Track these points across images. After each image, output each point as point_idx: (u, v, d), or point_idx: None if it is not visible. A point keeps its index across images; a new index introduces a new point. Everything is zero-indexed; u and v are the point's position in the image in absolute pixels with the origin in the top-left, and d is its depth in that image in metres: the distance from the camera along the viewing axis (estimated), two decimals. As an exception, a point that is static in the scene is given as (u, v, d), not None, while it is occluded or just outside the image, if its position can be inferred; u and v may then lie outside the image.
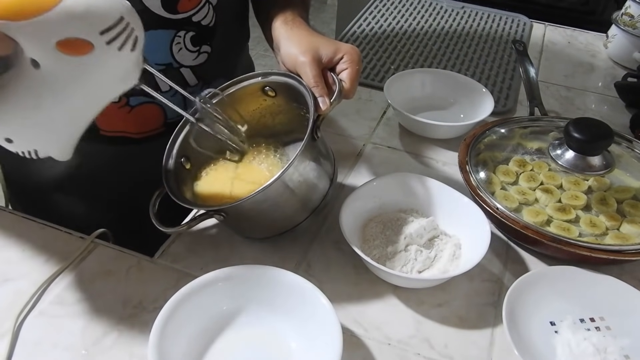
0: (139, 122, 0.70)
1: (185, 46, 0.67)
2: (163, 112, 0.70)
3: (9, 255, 0.62)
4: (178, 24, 0.65)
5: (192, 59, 0.69)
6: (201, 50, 0.69)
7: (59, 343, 0.53)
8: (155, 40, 0.65)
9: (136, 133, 0.70)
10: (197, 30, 0.67)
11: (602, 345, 0.55)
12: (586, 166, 0.70)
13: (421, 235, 0.63)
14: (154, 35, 0.65)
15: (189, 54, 0.68)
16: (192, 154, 0.65)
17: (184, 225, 0.60)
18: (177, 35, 0.66)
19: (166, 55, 0.67)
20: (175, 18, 0.64)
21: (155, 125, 0.71)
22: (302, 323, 0.54)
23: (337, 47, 0.62)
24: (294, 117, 0.67)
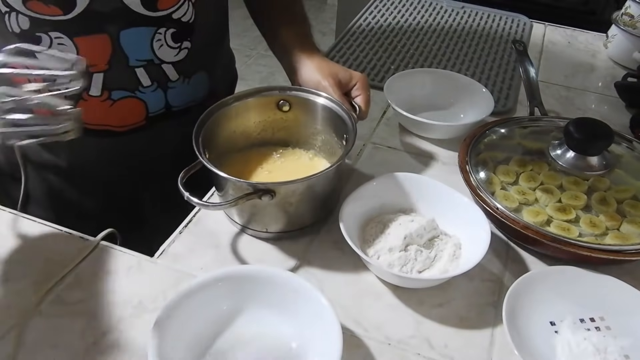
0: (121, 116, 0.71)
1: (167, 43, 0.68)
2: (145, 106, 0.71)
3: (9, 255, 0.62)
4: (158, 21, 0.66)
5: (174, 55, 0.70)
6: (182, 47, 0.70)
7: (59, 343, 0.53)
8: (136, 37, 0.66)
9: (119, 126, 0.71)
10: (177, 27, 0.68)
11: (602, 345, 0.55)
12: (586, 166, 0.70)
13: (421, 235, 0.63)
14: (134, 33, 0.65)
15: (170, 50, 0.69)
16: (211, 145, 0.66)
17: (225, 204, 0.59)
18: (157, 32, 0.67)
19: (147, 51, 0.68)
20: (156, 15, 0.65)
21: (138, 119, 0.72)
22: (302, 323, 0.54)
23: (351, 74, 0.72)
24: (293, 135, 0.74)
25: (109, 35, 0.64)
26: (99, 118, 0.70)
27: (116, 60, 0.66)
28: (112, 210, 0.82)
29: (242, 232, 0.67)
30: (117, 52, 0.66)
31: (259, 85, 2.28)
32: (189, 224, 0.68)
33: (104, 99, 0.68)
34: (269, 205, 0.61)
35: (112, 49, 0.65)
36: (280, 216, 0.63)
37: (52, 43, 0.63)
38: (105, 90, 0.67)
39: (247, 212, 0.64)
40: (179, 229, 0.67)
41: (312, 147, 0.75)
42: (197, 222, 0.68)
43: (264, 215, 0.63)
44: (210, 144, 0.65)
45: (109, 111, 0.69)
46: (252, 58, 2.91)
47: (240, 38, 3.11)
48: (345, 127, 0.67)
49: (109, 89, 0.68)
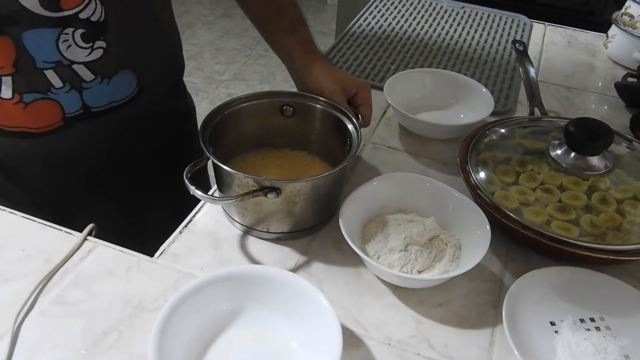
0: (36, 118, 0.69)
1: (76, 43, 0.66)
2: (60, 107, 0.69)
3: (9, 255, 0.62)
4: (63, 22, 0.64)
5: (85, 55, 0.68)
6: (94, 47, 0.68)
7: (59, 343, 0.53)
8: (39, 38, 0.64)
9: (35, 128, 0.70)
10: (87, 27, 0.66)
11: (602, 345, 0.55)
12: (586, 166, 0.70)
13: (421, 235, 0.63)
14: (37, 34, 0.63)
15: (81, 50, 0.67)
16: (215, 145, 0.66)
17: (231, 199, 0.59)
18: (63, 33, 0.64)
19: (53, 53, 0.65)
20: (59, 16, 0.63)
21: (54, 120, 0.70)
22: (302, 323, 0.54)
23: (355, 82, 0.74)
24: (295, 139, 0.74)
25: (11, 37, 0.63)
26: (15, 120, 0.69)
27: (22, 63, 0.64)
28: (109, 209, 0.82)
29: (242, 232, 0.67)
30: (21, 54, 0.64)
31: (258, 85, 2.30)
32: (189, 224, 0.68)
33: (16, 102, 0.67)
34: (273, 205, 0.61)
35: (15, 51, 0.63)
36: (284, 216, 0.63)
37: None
38: (16, 93, 0.66)
39: (249, 211, 0.64)
40: (179, 229, 0.67)
41: (313, 152, 0.75)
42: (197, 222, 0.68)
43: (267, 215, 0.63)
44: (214, 143, 0.66)
45: (23, 113, 0.68)
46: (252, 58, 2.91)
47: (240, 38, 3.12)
48: (348, 133, 0.68)
49: (20, 92, 0.66)
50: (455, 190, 0.67)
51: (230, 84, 2.72)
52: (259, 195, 0.59)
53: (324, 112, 0.72)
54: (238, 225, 0.67)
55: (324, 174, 0.62)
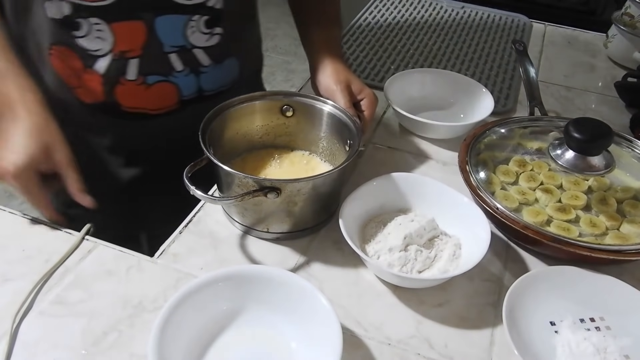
0: (156, 99, 0.74)
1: (199, 29, 0.71)
2: (178, 90, 0.74)
3: (9, 255, 0.62)
4: (192, 9, 0.69)
5: (205, 40, 0.72)
6: (214, 32, 0.72)
7: (59, 343, 0.53)
8: (170, 24, 0.69)
9: (153, 109, 0.74)
10: (210, 13, 0.70)
11: (602, 345, 0.55)
12: (586, 166, 0.70)
13: (421, 235, 0.63)
14: (168, 20, 0.68)
15: (202, 35, 0.72)
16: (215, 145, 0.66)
17: (231, 199, 0.60)
18: (191, 19, 0.69)
19: (180, 38, 0.70)
20: (190, 4, 0.68)
21: (171, 102, 0.75)
22: (302, 323, 0.54)
23: (363, 88, 0.74)
24: (295, 140, 0.75)
25: (145, 22, 0.67)
26: (136, 101, 0.73)
27: (151, 46, 0.69)
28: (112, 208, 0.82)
29: (242, 232, 0.67)
30: (151, 38, 0.68)
31: (258, 85, 2.17)
32: (189, 224, 0.68)
33: (139, 83, 0.71)
34: (273, 205, 0.61)
35: (146, 35, 0.68)
36: (284, 216, 0.63)
37: (90, 29, 0.66)
38: (141, 75, 0.70)
39: (249, 211, 0.64)
40: (179, 229, 0.67)
41: (313, 152, 0.75)
42: (197, 222, 0.68)
43: (267, 215, 0.63)
44: (215, 143, 0.66)
45: (145, 94, 0.72)
46: (252, 58, 2.90)
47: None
48: (349, 133, 0.68)
49: (144, 74, 0.71)
50: (455, 190, 0.67)
51: (230, 84, 2.72)
52: (259, 195, 0.59)
53: (324, 112, 0.72)
54: (238, 225, 0.67)
55: (323, 173, 0.62)
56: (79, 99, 0.72)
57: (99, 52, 0.67)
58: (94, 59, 0.68)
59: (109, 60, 0.68)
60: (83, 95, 0.72)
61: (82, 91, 0.71)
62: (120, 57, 0.68)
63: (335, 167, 0.63)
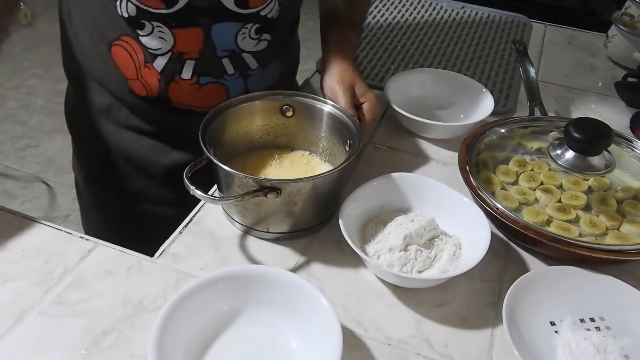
0: (205, 99, 0.76)
1: (250, 35, 0.73)
2: (227, 91, 0.76)
3: (9, 255, 0.62)
4: (247, 18, 0.71)
5: (253, 46, 0.75)
6: (262, 38, 0.75)
7: (59, 343, 0.53)
8: (224, 30, 0.71)
9: (200, 107, 0.76)
10: (261, 22, 0.73)
11: (602, 345, 0.55)
12: (586, 166, 0.70)
13: (421, 235, 0.63)
14: (223, 27, 0.71)
15: (251, 41, 0.74)
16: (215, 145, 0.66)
17: (231, 199, 0.60)
18: (244, 27, 0.72)
19: (231, 43, 0.73)
20: (245, 13, 0.70)
21: (218, 102, 0.76)
22: (302, 323, 0.54)
23: (366, 91, 0.74)
24: (295, 140, 0.75)
25: (202, 29, 0.70)
26: (186, 99, 0.75)
27: (206, 50, 0.72)
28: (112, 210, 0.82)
29: (242, 232, 0.67)
30: (207, 43, 0.71)
31: (259, 85, 2.14)
32: (189, 224, 0.68)
33: (192, 83, 0.74)
34: (273, 205, 0.61)
35: (203, 40, 0.71)
36: (284, 216, 0.63)
37: (153, 30, 0.69)
38: (195, 75, 0.73)
39: (249, 211, 0.64)
40: (179, 229, 0.67)
41: (313, 152, 0.75)
42: (197, 222, 0.68)
43: (267, 215, 0.63)
44: (215, 143, 0.66)
45: (196, 93, 0.75)
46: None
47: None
48: (350, 133, 0.68)
49: (198, 75, 0.73)
50: (455, 190, 0.67)
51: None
52: (259, 195, 0.59)
53: (324, 112, 0.72)
54: (238, 225, 0.67)
55: (323, 173, 0.62)
56: (132, 91, 0.75)
57: (159, 50, 0.71)
58: (154, 56, 0.71)
59: (167, 59, 0.71)
60: (137, 88, 0.74)
61: (137, 84, 0.74)
62: (179, 58, 0.71)
63: (335, 167, 0.63)
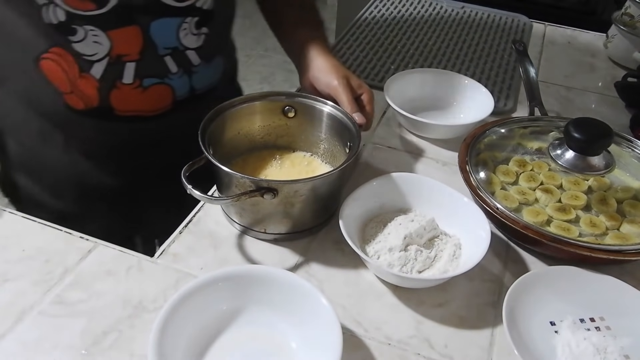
0: (151, 101, 0.74)
1: (190, 30, 0.72)
2: (172, 91, 0.74)
3: (9, 255, 0.62)
4: (185, 11, 0.69)
5: (195, 41, 0.73)
6: (202, 32, 0.73)
7: (59, 343, 0.53)
8: (165, 27, 0.69)
9: (148, 111, 0.74)
10: (200, 15, 0.71)
11: (602, 345, 0.55)
12: (586, 166, 0.70)
13: (421, 235, 0.63)
14: (163, 23, 0.69)
15: (193, 36, 0.72)
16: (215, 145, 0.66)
17: (227, 199, 0.60)
18: (184, 21, 0.70)
19: (174, 40, 0.71)
20: (182, 6, 0.69)
21: (165, 104, 0.75)
22: (302, 323, 0.54)
23: (360, 83, 0.74)
24: (296, 141, 0.75)
25: (140, 27, 0.67)
26: (131, 105, 0.73)
27: (146, 50, 0.69)
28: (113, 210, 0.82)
29: (241, 232, 0.67)
30: (147, 42, 0.69)
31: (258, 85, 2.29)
32: (189, 224, 0.68)
33: (135, 86, 0.71)
34: (270, 206, 0.61)
35: (142, 39, 0.68)
36: (281, 218, 0.63)
37: (86, 35, 0.65)
38: (137, 78, 0.71)
39: (247, 212, 0.64)
40: (179, 229, 0.67)
41: (314, 153, 0.75)
42: (197, 222, 0.68)
43: (265, 216, 0.63)
44: (215, 143, 0.66)
45: (141, 97, 0.72)
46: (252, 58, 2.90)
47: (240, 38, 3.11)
48: (350, 135, 0.68)
49: (141, 77, 0.71)
50: (455, 190, 0.67)
51: (230, 84, 2.72)
52: (256, 196, 0.59)
53: (325, 113, 0.71)
54: (237, 225, 0.67)
55: (321, 175, 0.62)
56: (68, 106, 0.71)
57: (95, 56, 0.67)
58: (90, 63, 0.67)
59: (106, 64, 0.68)
60: (74, 102, 0.71)
61: (73, 97, 0.70)
62: (117, 61, 0.68)
63: (334, 169, 0.63)
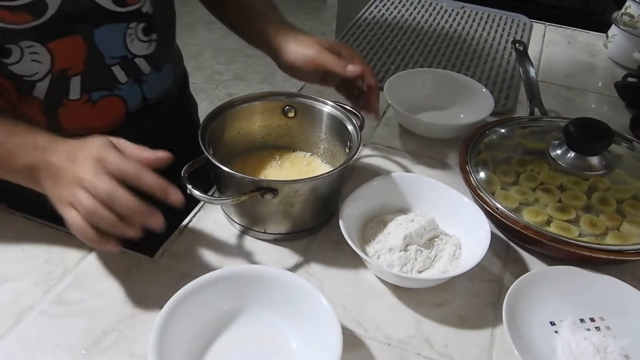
0: (103, 115, 0.71)
1: (137, 37, 0.69)
2: (124, 104, 0.72)
3: (9, 255, 0.62)
4: (128, 17, 0.67)
5: (145, 49, 0.71)
6: (151, 39, 0.71)
7: (59, 343, 0.53)
8: (110, 34, 0.66)
9: (100, 127, 0.71)
10: (145, 20, 0.69)
11: (602, 345, 0.55)
12: (586, 166, 0.70)
13: (421, 235, 0.63)
14: (108, 30, 0.65)
15: (141, 44, 0.70)
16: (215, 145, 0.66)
17: (227, 199, 0.59)
18: (129, 27, 0.67)
19: (121, 48, 0.68)
20: (125, 11, 0.66)
21: (118, 117, 0.72)
22: (302, 323, 0.54)
23: (332, 43, 0.71)
24: (296, 141, 0.74)
25: (82, 36, 0.63)
26: (81, 121, 0.69)
27: (92, 60, 0.66)
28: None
29: (241, 232, 0.67)
30: (92, 52, 0.65)
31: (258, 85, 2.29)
32: (189, 224, 0.68)
33: (84, 101, 0.68)
34: (270, 206, 0.61)
35: (87, 49, 0.64)
36: (281, 217, 0.63)
37: (23, 53, 0.61)
38: (85, 92, 0.67)
39: (247, 212, 0.64)
40: (179, 229, 0.67)
41: (314, 153, 0.75)
42: (197, 222, 0.68)
43: (265, 216, 0.63)
44: (215, 143, 0.65)
45: (91, 112, 0.69)
46: (252, 58, 2.90)
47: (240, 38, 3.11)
48: (349, 135, 0.68)
49: (88, 91, 0.67)
50: (455, 190, 0.67)
51: (230, 84, 2.72)
52: (255, 196, 0.59)
53: (325, 113, 0.71)
54: (237, 225, 0.67)
55: (321, 175, 0.62)
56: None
57: (36, 76, 0.63)
58: (32, 84, 0.63)
59: (49, 82, 0.64)
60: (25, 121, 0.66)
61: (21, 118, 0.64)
62: (61, 77, 0.64)
63: (333, 169, 0.63)
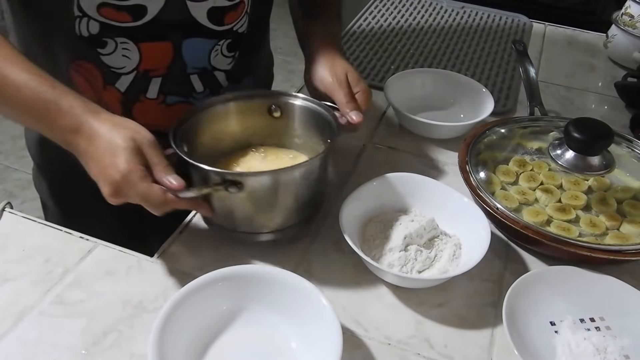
0: (174, 119, 0.71)
1: (222, 52, 0.71)
2: None
3: (9, 255, 0.62)
4: (220, 34, 0.69)
5: (226, 64, 0.73)
6: (233, 55, 0.73)
7: (59, 343, 0.53)
8: (197, 47, 0.69)
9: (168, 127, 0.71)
10: (233, 38, 0.71)
11: (602, 345, 0.55)
12: (586, 166, 0.70)
13: (421, 235, 0.63)
14: (197, 42, 0.68)
15: (224, 59, 0.72)
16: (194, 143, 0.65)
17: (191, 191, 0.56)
18: (217, 44, 0.70)
19: (204, 61, 0.70)
20: (219, 29, 0.68)
21: None
22: (302, 323, 0.54)
23: (359, 81, 0.70)
24: (282, 140, 0.72)
25: (172, 43, 0.67)
26: (152, 119, 0.71)
27: (175, 67, 0.69)
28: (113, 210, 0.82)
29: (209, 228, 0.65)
30: (177, 59, 0.68)
31: (258, 85, 2.16)
32: (189, 224, 0.68)
33: (159, 102, 0.71)
34: (237, 201, 0.59)
35: (173, 56, 0.68)
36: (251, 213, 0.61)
37: (117, 47, 0.65)
38: (161, 94, 0.70)
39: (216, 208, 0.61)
40: (179, 229, 0.67)
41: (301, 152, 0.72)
42: (197, 222, 0.68)
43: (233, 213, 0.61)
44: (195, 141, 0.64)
45: (163, 113, 0.72)
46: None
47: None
48: (329, 133, 0.65)
49: (165, 93, 0.70)
50: (455, 190, 0.67)
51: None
52: (220, 190, 0.57)
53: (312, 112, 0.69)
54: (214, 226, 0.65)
55: (286, 167, 0.59)
56: None
57: (123, 69, 0.67)
58: (117, 76, 0.67)
59: (132, 78, 0.68)
60: None
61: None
62: (144, 75, 0.68)
63: (302, 162, 0.61)
